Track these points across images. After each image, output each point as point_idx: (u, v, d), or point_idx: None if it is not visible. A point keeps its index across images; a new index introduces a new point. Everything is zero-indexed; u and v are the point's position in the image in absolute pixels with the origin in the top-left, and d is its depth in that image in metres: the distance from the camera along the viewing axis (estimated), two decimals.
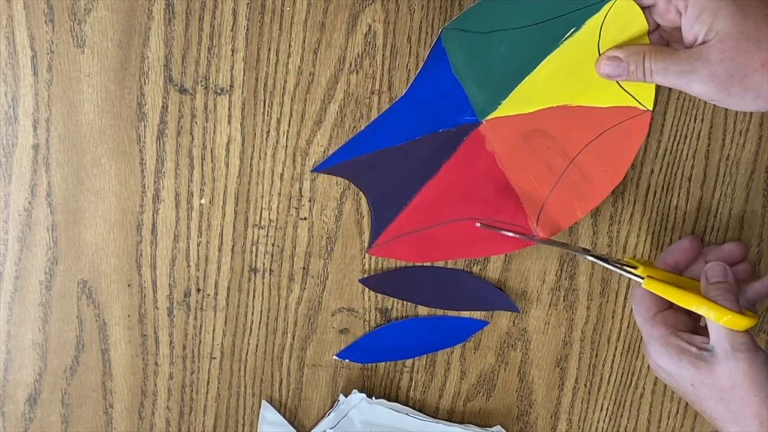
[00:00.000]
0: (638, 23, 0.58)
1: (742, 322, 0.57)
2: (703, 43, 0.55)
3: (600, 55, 0.60)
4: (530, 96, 0.62)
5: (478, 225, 0.66)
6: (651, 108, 0.61)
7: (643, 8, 0.58)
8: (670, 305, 0.63)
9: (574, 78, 0.62)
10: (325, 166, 0.65)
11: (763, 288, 0.64)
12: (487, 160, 0.65)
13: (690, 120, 0.68)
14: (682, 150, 0.69)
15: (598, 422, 0.75)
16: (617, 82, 0.61)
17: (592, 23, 0.59)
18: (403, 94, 0.63)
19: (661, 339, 0.60)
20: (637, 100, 0.61)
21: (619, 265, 0.64)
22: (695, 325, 0.63)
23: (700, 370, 0.58)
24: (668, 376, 0.61)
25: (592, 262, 0.68)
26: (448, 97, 0.62)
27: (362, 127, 0.65)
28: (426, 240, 0.67)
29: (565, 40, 0.60)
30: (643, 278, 0.62)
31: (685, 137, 0.68)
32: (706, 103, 0.67)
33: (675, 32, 0.58)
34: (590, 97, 0.62)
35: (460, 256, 0.68)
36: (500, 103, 0.62)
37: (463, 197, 0.66)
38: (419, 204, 0.66)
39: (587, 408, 0.75)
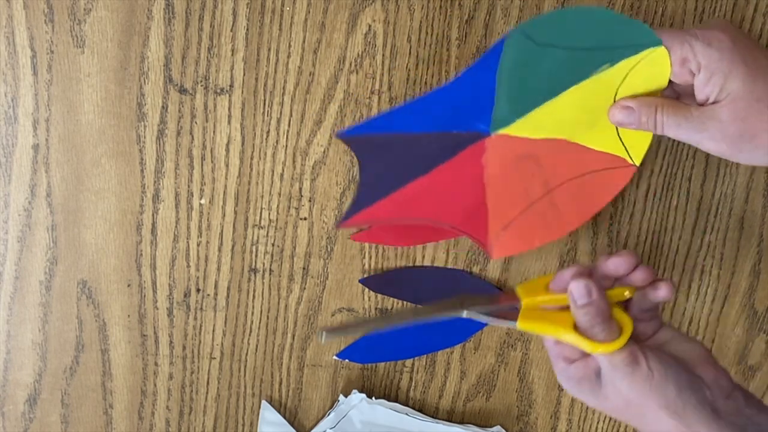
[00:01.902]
0: (661, 77, 0.59)
1: (611, 347, 0.55)
2: (714, 102, 0.56)
3: (615, 100, 0.61)
4: (542, 122, 0.62)
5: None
6: (638, 164, 0.63)
7: None
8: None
9: (585, 115, 0.62)
10: (348, 135, 0.62)
11: (655, 297, 0.60)
12: (476, 171, 0.64)
13: None
14: (682, 150, 0.69)
15: (598, 422, 0.75)
16: (617, 130, 0.62)
17: (625, 64, 0.59)
18: (449, 81, 0.61)
19: (563, 373, 0.59)
20: (628, 153, 0.63)
21: (494, 314, 0.60)
22: None
23: (599, 399, 0.57)
24: (581, 400, 0.60)
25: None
26: (478, 100, 0.61)
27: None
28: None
29: (596, 74, 0.60)
30: (514, 322, 0.59)
31: None
32: None
33: (687, 89, 0.59)
34: (589, 137, 0.62)
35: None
36: (514, 121, 0.62)
37: (439, 201, 0.65)
38: (399, 197, 0.64)
39: (587, 408, 0.75)
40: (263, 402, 0.72)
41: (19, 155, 0.64)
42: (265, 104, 0.65)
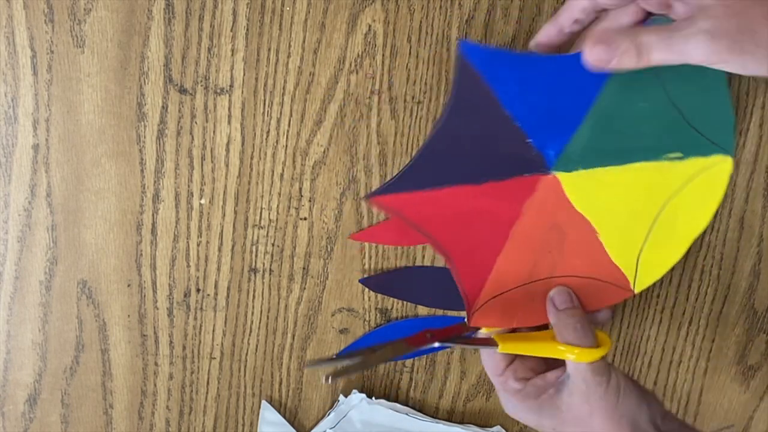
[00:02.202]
0: (715, 197, 0.60)
1: (594, 354, 0.57)
2: (700, 7, 0.52)
3: (659, 212, 0.61)
4: (595, 190, 0.61)
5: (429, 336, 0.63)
6: (636, 292, 0.63)
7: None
8: (517, 355, 0.61)
9: (627, 212, 0.61)
10: (473, 57, 0.57)
11: (596, 321, 0.63)
12: (512, 214, 0.62)
13: None
14: None
15: None
16: (640, 251, 0.62)
17: (692, 164, 0.60)
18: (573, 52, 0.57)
19: (518, 394, 0.59)
20: (635, 277, 0.63)
21: (471, 342, 0.61)
22: (544, 361, 0.62)
23: (559, 411, 0.58)
24: (528, 423, 0.61)
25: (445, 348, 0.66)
26: (574, 99, 0.59)
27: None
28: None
29: (665, 159, 0.60)
30: (497, 345, 0.60)
31: None
32: None
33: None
34: (615, 241, 0.62)
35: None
36: (577, 169, 0.61)
37: (464, 227, 0.62)
38: (435, 198, 0.61)
39: None
40: (263, 402, 0.72)
41: (19, 155, 0.64)
42: (265, 104, 0.65)
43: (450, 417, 0.74)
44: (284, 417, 0.72)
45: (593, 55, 0.54)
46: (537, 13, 0.65)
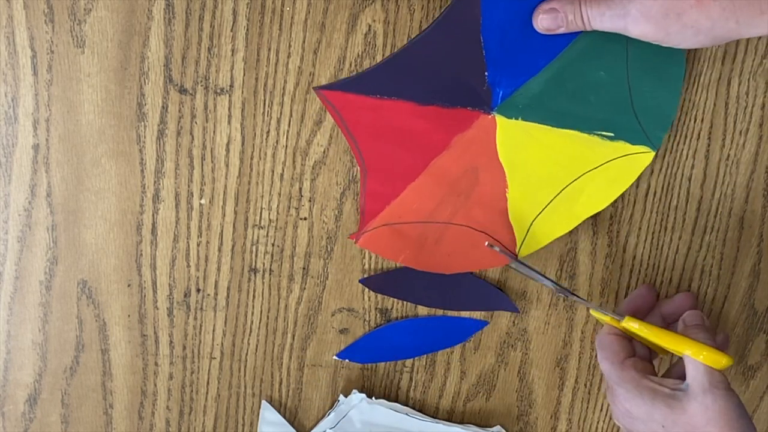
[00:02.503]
0: (626, 181, 0.63)
1: (722, 360, 0.58)
2: None
3: (571, 185, 0.63)
4: (523, 145, 0.62)
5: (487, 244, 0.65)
6: (517, 257, 0.65)
7: None
8: (634, 353, 0.63)
9: (544, 173, 0.63)
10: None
11: (673, 308, 0.66)
12: (441, 143, 0.63)
13: (690, 120, 0.68)
14: (682, 150, 0.69)
15: (598, 422, 0.75)
16: (536, 218, 0.64)
17: (617, 148, 0.62)
18: None
19: (633, 381, 0.60)
20: (523, 242, 0.65)
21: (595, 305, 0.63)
22: (657, 374, 0.64)
23: (674, 410, 0.58)
24: (636, 420, 0.61)
25: (573, 299, 0.68)
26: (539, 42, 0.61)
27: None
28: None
29: (596, 135, 0.62)
30: (622, 317, 0.62)
31: (685, 137, 0.68)
32: (706, 102, 0.67)
33: None
34: (519, 204, 0.64)
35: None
36: (518, 118, 0.62)
37: (392, 141, 0.63)
38: (377, 104, 0.63)
39: (587, 408, 0.75)
40: (263, 402, 0.72)
41: (19, 155, 0.64)
42: (265, 104, 0.65)
43: (450, 417, 0.74)
44: (284, 417, 0.72)
45: (543, 23, 0.59)
46: None
